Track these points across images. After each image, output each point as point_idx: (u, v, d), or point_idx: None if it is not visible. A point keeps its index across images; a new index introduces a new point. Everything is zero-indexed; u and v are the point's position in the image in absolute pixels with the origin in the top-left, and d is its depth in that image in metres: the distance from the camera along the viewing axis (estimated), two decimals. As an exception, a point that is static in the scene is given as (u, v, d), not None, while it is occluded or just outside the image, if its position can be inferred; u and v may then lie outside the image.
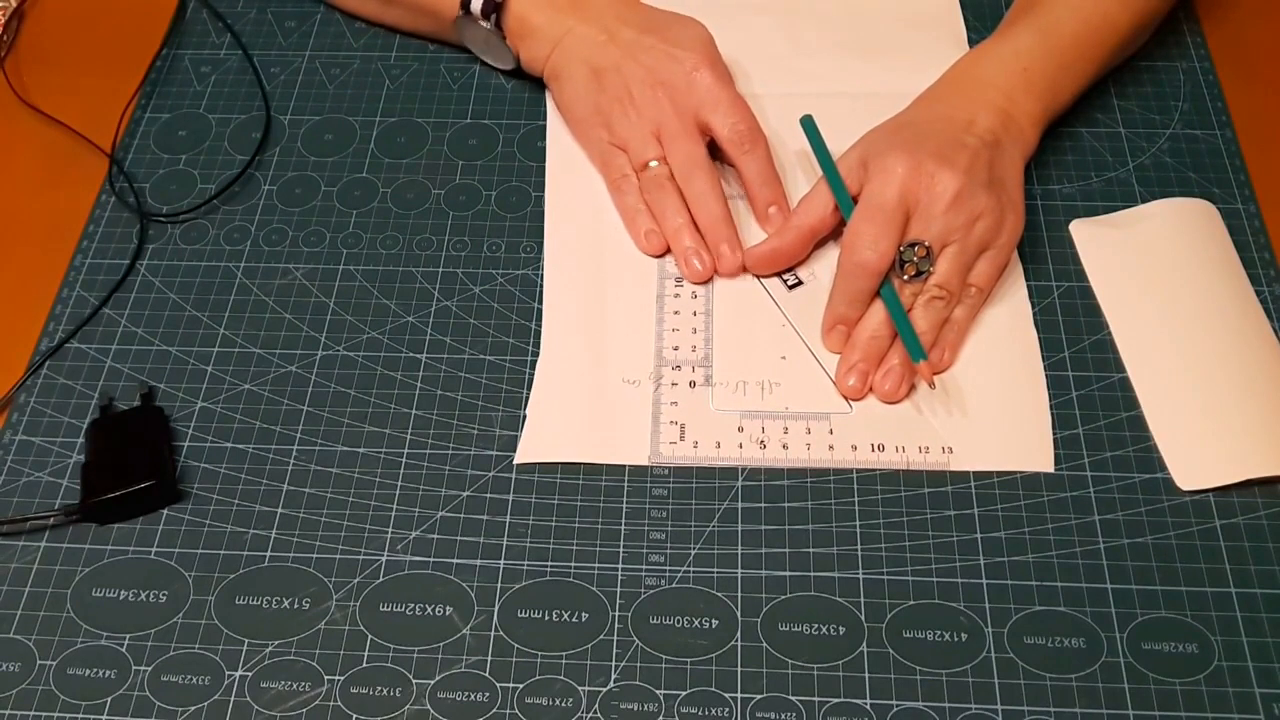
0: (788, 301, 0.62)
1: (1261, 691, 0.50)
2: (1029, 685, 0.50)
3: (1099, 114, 0.69)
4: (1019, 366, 0.59)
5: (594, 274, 0.63)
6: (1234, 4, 0.74)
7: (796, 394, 0.59)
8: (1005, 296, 0.61)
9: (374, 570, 0.54)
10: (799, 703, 0.50)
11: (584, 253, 0.64)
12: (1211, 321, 0.60)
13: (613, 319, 0.62)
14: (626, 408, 0.59)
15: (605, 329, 0.61)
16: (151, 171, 0.69)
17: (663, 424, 0.58)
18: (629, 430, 0.58)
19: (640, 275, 0.63)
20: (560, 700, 0.51)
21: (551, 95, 0.70)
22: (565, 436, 0.58)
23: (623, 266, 0.64)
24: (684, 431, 0.58)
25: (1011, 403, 0.58)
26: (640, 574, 0.54)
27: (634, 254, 0.64)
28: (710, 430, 0.58)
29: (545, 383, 0.60)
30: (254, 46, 0.74)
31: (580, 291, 0.63)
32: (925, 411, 0.58)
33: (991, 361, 0.59)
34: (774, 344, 0.61)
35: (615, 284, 0.63)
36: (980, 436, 0.57)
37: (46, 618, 0.53)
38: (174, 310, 0.63)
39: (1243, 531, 0.54)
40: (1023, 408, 0.58)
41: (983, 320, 0.61)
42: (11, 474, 0.57)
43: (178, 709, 0.51)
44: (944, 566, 0.54)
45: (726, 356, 0.60)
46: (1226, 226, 0.63)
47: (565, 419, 0.58)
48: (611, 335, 0.61)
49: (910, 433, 0.57)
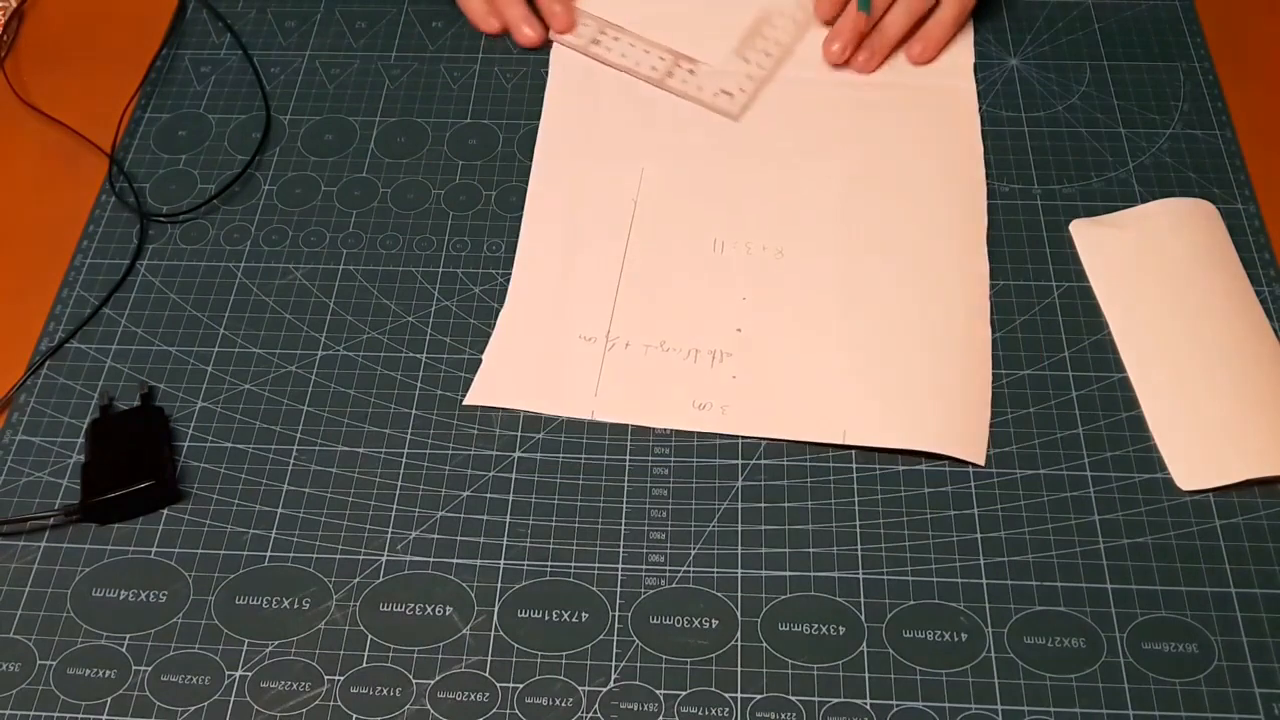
0: (750, 272, 0.63)
1: (1261, 691, 0.50)
2: (1029, 685, 0.50)
3: (1099, 114, 0.69)
4: (962, 354, 0.60)
5: (567, 234, 0.65)
6: (1234, 4, 0.74)
7: (746, 366, 0.60)
8: (964, 285, 0.62)
9: (374, 570, 0.54)
10: (799, 703, 0.50)
11: (560, 212, 0.66)
12: (1212, 321, 0.60)
13: (579, 277, 0.63)
14: (578, 362, 0.60)
15: (570, 286, 0.63)
16: (151, 171, 0.69)
17: (609, 381, 0.59)
18: (576, 384, 0.59)
19: (612, 236, 0.65)
20: (560, 700, 0.51)
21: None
22: (516, 384, 0.60)
23: (596, 228, 0.65)
24: (628, 391, 0.59)
25: (940, 388, 0.59)
26: (640, 574, 0.54)
27: (609, 217, 0.66)
28: (654, 392, 0.59)
29: (505, 331, 0.61)
30: (254, 46, 0.74)
31: (552, 248, 0.65)
32: (846, 387, 0.59)
33: (928, 345, 0.60)
34: (732, 317, 0.61)
35: (586, 245, 0.65)
36: (896, 414, 0.58)
37: (46, 618, 0.53)
38: (174, 310, 0.63)
39: (1243, 531, 0.54)
40: (955, 394, 0.58)
41: (936, 308, 0.61)
42: (11, 474, 0.57)
43: (178, 709, 0.51)
44: (944, 566, 0.54)
45: (683, 323, 0.61)
46: (1226, 226, 0.63)
47: (518, 368, 0.60)
48: (575, 292, 0.63)
49: (832, 411, 0.58)
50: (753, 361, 0.60)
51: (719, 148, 0.68)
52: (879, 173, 0.67)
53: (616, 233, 0.65)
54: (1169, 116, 0.69)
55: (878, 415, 0.58)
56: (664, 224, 0.65)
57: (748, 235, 0.64)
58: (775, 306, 0.62)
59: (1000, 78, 0.71)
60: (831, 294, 0.62)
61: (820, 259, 0.63)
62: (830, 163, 0.67)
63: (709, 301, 0.62)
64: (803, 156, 0.68)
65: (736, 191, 0.66)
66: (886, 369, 0.59)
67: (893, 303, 0.61)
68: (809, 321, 0.61)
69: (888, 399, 0.58)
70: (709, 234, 0.65)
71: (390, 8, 0.76)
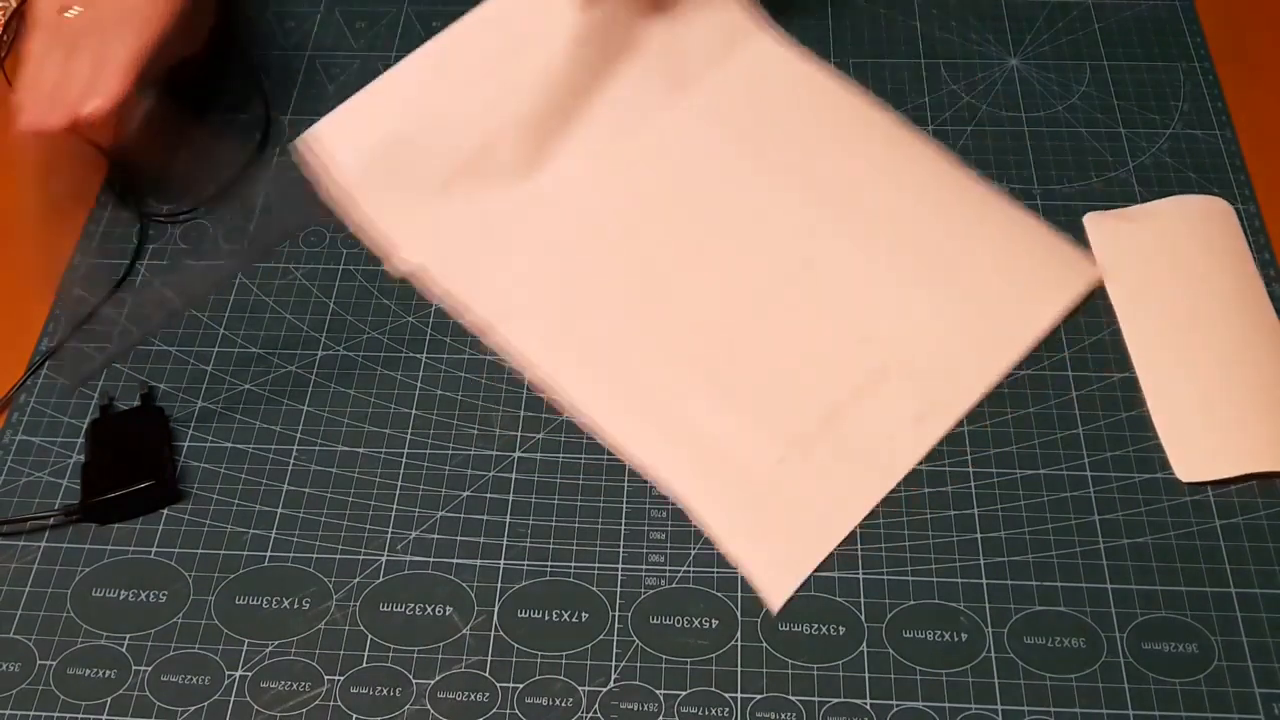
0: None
1: (1261, 691, 0.50)
2: (1029, 685, 0.50)
3: (1099, 114, 0.69)
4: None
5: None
6: (1234, 4, 0.74)
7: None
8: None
9: (374, 570, 0.54)
10: (799, 703, 0.50)
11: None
12: (1221, 316, 0.60)
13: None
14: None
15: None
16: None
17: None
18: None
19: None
20: (560, 700, 0.51)
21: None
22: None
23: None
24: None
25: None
26: (640, 574, 0.54)
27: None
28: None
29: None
30: (254, 46, 0.74)
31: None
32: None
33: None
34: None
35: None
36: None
37: (46, 618, 0.53)
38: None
39: (1243, 531, 0.54)
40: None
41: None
42: (11, 474, 0.57)
43: (178, 709, 0.51)
44: (944, 566, 0.54)
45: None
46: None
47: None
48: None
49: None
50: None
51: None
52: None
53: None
54: (1169, 116, 0.69)
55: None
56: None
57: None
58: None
59: (1000, 78, 0.71)
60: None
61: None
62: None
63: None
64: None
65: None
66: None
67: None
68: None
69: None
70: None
71: (390, 8, 0.76)
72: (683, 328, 0.59)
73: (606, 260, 0.62)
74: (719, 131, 0.66)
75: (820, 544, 0.54)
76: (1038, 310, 0.60)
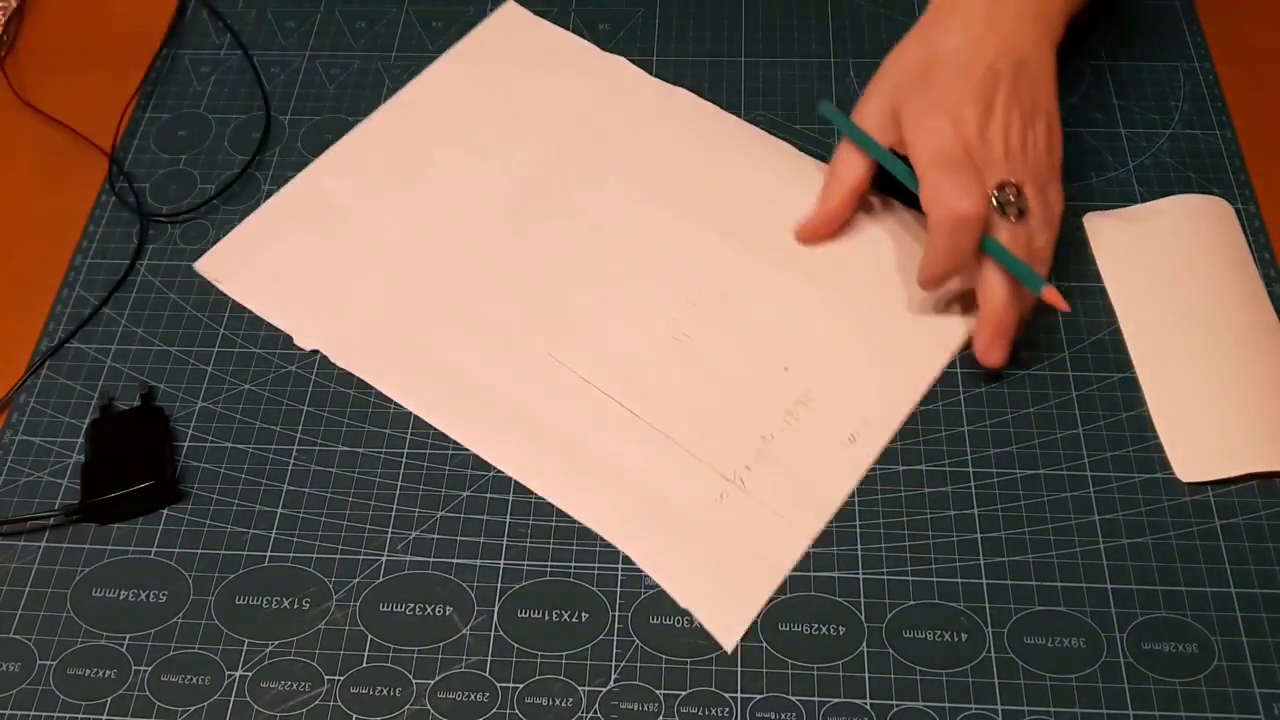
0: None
1: (1261, 691, 0.50)
2: (1029, 685, 0.50)
3: (1099, 114, 0.69)
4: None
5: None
6: (1234, 4, 0.74)
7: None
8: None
9: (374, 570, 0.54)
10: (799, 703, 0.50)
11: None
12: (1221, 315, 0.60)
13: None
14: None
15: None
16: (151, 171, 0.69)
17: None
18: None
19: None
20: (560, 700, 0.51)
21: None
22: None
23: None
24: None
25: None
26: (640, 574, 0.54)
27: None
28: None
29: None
30: (254, 46, 0.74)
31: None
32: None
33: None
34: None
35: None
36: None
37: (46, 618, 0.53)
38: (174, 310, 0.63)
39: (1243, 531, 0.54)
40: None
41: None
42: (11, 474, 0.57)
43: (178, 709, 0.51)
44: (944, 566, 0.54)
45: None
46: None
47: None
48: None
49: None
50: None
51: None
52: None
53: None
54: (1169, 116, 0.69)
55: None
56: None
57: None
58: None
59: (1000, 78, 0.71)
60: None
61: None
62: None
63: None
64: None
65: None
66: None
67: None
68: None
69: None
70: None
71: (390, 8, 0.76)
72: (602, 375, 0.58)
73: (513, 313, 0.60)
74: (610, 166, 0.66)
75: (769, 576, 0.53)
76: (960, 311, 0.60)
